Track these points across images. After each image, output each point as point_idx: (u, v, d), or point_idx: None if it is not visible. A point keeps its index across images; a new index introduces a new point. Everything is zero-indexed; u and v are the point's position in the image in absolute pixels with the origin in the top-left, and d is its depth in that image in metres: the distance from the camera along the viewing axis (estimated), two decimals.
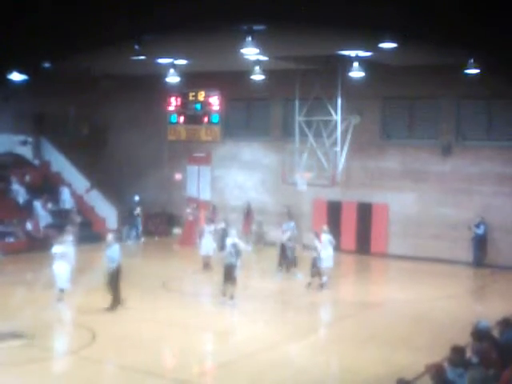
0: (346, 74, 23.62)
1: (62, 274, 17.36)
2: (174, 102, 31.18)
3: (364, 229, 27.08)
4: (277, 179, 28.55)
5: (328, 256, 20.24)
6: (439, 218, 25.71)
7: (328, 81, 25.61)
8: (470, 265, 24.70)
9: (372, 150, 26.97)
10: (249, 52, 19.26)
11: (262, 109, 29.84)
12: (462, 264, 24.69)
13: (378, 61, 23.25)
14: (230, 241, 18.38)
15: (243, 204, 29.23)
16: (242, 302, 18.15)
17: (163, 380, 12.69)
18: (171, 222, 31.36)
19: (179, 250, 28.05)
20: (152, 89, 30.16)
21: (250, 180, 29.86)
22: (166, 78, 25.18)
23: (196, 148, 30.94)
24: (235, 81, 27.94)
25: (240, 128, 30.32)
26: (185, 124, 31.08)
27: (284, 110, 29.01)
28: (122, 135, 32.49)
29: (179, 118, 31.18)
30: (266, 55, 22.82)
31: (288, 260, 22.30)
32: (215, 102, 30.19)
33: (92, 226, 28.93)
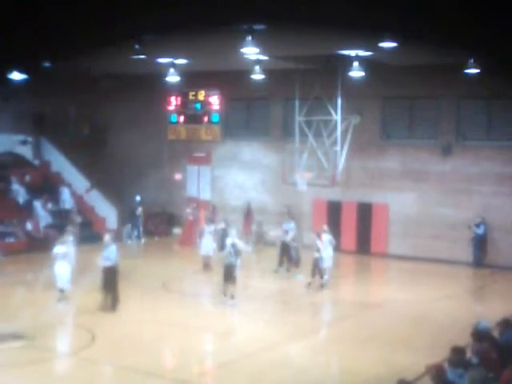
0: (345, 73, 23.62)
1: (63, 275, 17.36)
2: (174, 102, 31.17)
3: (364, 229, 27.07)
4: (277, 179, 28.55)
5: (328, 256, 20.31)
6: (439, 218, 25.71)
7: (328, 81, 25.63)
8: (470, 265, 24.70)
9: (372, 150, 26.97)
10: (249, 51, 19.26)
11: (262, 109, 29.83)
12: (461, 264, 24.69)
13: (377, 61, 23.24)
14: (230, 241, 18.41)
15: (243, 204, 29.22)
16: (242, 302, 18.16)
17: (163, 380, 12.69)
18: (171, 221, 31.35)
19: (179, 250, 28.05)
20: (152, 88, 30.17)
21: (250, 180, 29.85)
22: (166, 78, 25.17)
23: (196, 148, 30.94)
24: (235, 80, 27.93)
25: (240, 128, 30.31)
26: (185, 124, 31.07)
27: (284, 110, 29.01)
28: (122, 135, 32.49)
29: (179, 118, 31.17)
30: (265, 55, 22.81)
31: (292, 260, 22.28)
32: (215, 101, 30.18)
33: (92, 226, 28.92)
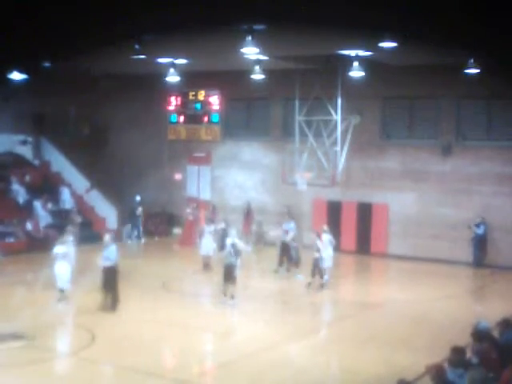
0: (345, 73, 23.61)
1: (63, 275, 17.35)
2: (174, 102, 31.16)
3: (364, 229, 27.07)
4: (277, 179, 28.55)
5: (328, 256, 20.31)
6: (439, 218, 25.71)
7: (328, 81, 25.63)
8: (470, 265, 24.69)
9: (372, 149, 26.96)
10: (249, 51, 19.26)
11: (262, 109, 29.82)
12: (461, 264, 24.69)
13: (377, 61, 23.24)
14: (230, 241, 18.43)
15: (243, 204, 29.22)
16: (242, 302, 18.16)
17: (163, 380, 12.69)
18: (171, 221, 31.35)
19: (179, 250, 28.05)
20: (152, 88, 30.17)
21: (250, 180, 29.84)
22: (166, 78, 25.17)
23: (196, 148, 30.93)
24: (235, 80, 27.93)
25: (240, 128, 30.30)
26: (185, 124, 31.06)
27: (284, 110, 29.00)
28: (122, 135, 32.49)
29: (179, 118, 31.16)
30: (265, 55, 22.81)
31: (292, 260, 22.27)
32: (215, 101, 30.17)
33: (92, 226, 28.91)
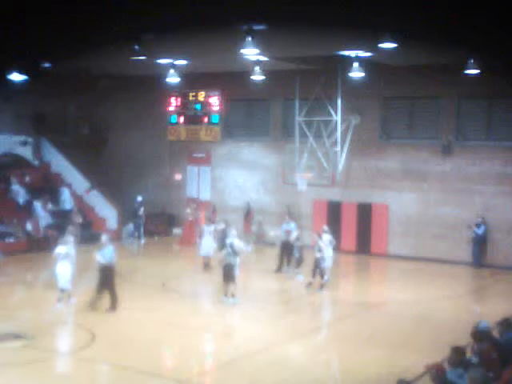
0: (345, 74, 23.62)
1: (64, 275, 17.34)
2: (174, 103, 31.14)
3: (364, 229, 27.06)
4: (277, 179, 28.57)
5: (328, 256, 20.31)
6: (439, 218, 25.70)
7: (328, 81, 25.66)
8: (470, 265, 24.68)
9: (372, 149, 26.96)
10: (249, 52, 19.24)
11: (262, 109, 29.83)
12: (462, 264, 24.68)
13: (377, 61, 23.24)
14: (229, 241, 18.45)
15: (243, 204, 29.23)
16: (242, 302, 18.14)
17: (163, 380, 12.67)
18: (171, 222, 31.35)
19: (179, 250, 28.07)
20: (152, 89, 30.18)
21: (250, 180, 29.84)
22: (166, 79, 25.18)
23: (196, 148, 30.95)
24: (235, 81, 27.93)
25: (240, 128, 30.31)
26: (185, 124, 31.04)
27: (284, 111, 29.00)
28: (122, 135, 32.50)
29: (179, 119, 31.13)
30: (265, 55, 22.80)
31: (295, 260, 22.21)
32: (215, 102, 30.15)
33: (92, 227, 28.89)
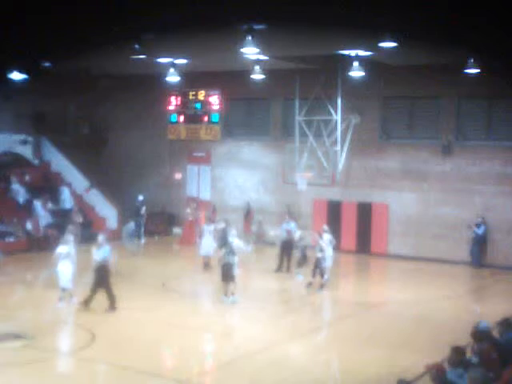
0: (345, 73, 23.60)
1: (66, 274, 17.36)
2: (174, 102, 31.11)
3: (364, 229, 27.06)
4: (277, 179, 28.57)
5: (328, 256, 20.32)
6: (439, 218, 25.70)
7: (328, 80, 25.65)
8: (470, 265, 24.68)
9: (372, 149, 26.95)
10: (249, 51, 19.24)
11: (262, 108, 29.82)
12: (462, 264, 24.68)
13: (377, 61, 23.23)
14: (230, 240, 18.47)
15: (243, 204, 29.23)
16: (242, 302, 18.14)
17: (163, 380, 12.68)
18: (171, 221, 31.35)
19: (179, 249, 28.07)
20: (152, 88, 30.17)
21: (250, 179, 29.83)
22: (166, 78, 25.17)
23: (196, 147, 30.94)
24: (235, 80, 27.92)
25: (240, 127, 30.30)
26: (185, 123, 31.02)
27: (284, 110, 28.99)
28: (122, 135, 32.49)
29: (179, 118, 31.11)
30: (266, 55, 22.80)
31: (298, 259, 22.16)
32: (215, 101, 30.14)
33: (92, 226, 28.87)
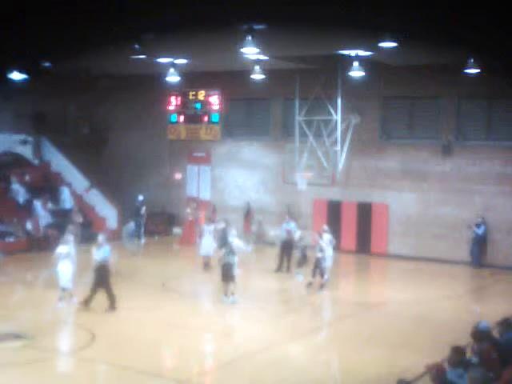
0: (345, 73, 23.60)
1: (66, 274, 17.37)
2: (174, 102, 31.11)
3: (364, 229, 27.06)
4: (277, 179, 28.57)
5: (328, 256, 20.32)
6: (439, 218, 25.70)
7: (328, 80, 25.65)
8: (470, 265, 24.68)
9: (372, 149, 26.95)
10: (249, 51, 19.24)
11: (262, 108, 29.82)
12: (462, 264, 24.68)
13: (377, 60, 23.23)
14: (230, 240, 18.49)
15: (243, 204, 29.23)
16: (242, 302, 18.14)
17: (163, 380, 12.68)
18: (171, 221, 31.35)
19: (179, 249, 28.07)
20: (152, 88, 30.17)
21: (250, 180, 29.83)
22: (166, 78, 25.17)
23: (196, 147, 30.94)
24: (235, 80, 27.92)
25: (240, 127, 30.30)
26: (185, 123, 31.01)
27: (284, 110, 28.99)
28: (122, 135, 32.49)
29: (179, 118, 31.10)
30: (265, 55, 22.80)
31: (298, 259, 22.15)
32: (215, 101, 30.13)
33: (92, 226, 28.86)
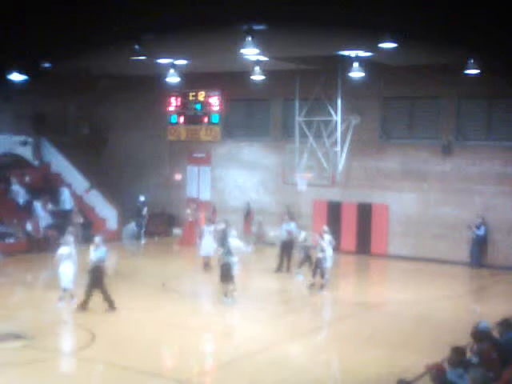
0: (345, 74, 23.61)
1: (67, 275, 17.37)
2: (174, 102, 31.12)
3: (364, 229, 27.05)
4: (277, 179, 28.57)
5: (328, 256, 20.33)
6: (439, 218, 25.70)
7: (328, 81, 25.66)
8: (470, 265, 24.68)
9: (372, 149, 26.95)
10: (249, 52, 19.25)
11: (262, 109, 29.82)
12: (462, 264, 24.68)
13: (377, 61, 23.23)
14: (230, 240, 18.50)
15: (243, 204, 29.23)
16: (242, 302, 18.14)
17: (163, 380, 12.67)
18: (171, 222, 31.35)
19: (179, 250, 28.07)
20: (152, 89, 30.17)
21: (250, 180, 29.83)
22: (166, 78, 25.17)
23: (196, 148, 30.94)
24: (235, 81, 27.93)
25: (240, 128, 30.30)
26: (185, 124, 31.02)
27: (284, 111, 28.99)
28: (122, 135, 32.50)
29: (179, 118, 31.11)
30: (265, 55, 22.80)
31: (301, 260, 22.10)
32: (215, 102, 30.14)
33: (92, 227, 28.85)
